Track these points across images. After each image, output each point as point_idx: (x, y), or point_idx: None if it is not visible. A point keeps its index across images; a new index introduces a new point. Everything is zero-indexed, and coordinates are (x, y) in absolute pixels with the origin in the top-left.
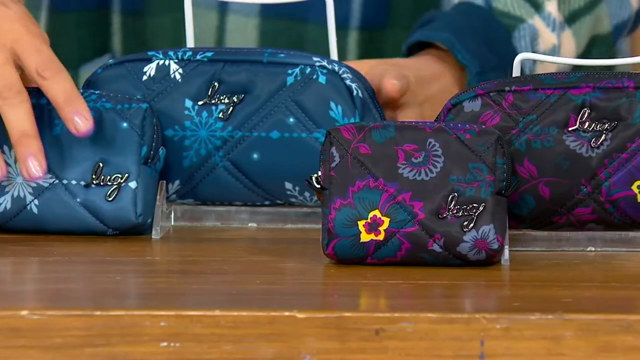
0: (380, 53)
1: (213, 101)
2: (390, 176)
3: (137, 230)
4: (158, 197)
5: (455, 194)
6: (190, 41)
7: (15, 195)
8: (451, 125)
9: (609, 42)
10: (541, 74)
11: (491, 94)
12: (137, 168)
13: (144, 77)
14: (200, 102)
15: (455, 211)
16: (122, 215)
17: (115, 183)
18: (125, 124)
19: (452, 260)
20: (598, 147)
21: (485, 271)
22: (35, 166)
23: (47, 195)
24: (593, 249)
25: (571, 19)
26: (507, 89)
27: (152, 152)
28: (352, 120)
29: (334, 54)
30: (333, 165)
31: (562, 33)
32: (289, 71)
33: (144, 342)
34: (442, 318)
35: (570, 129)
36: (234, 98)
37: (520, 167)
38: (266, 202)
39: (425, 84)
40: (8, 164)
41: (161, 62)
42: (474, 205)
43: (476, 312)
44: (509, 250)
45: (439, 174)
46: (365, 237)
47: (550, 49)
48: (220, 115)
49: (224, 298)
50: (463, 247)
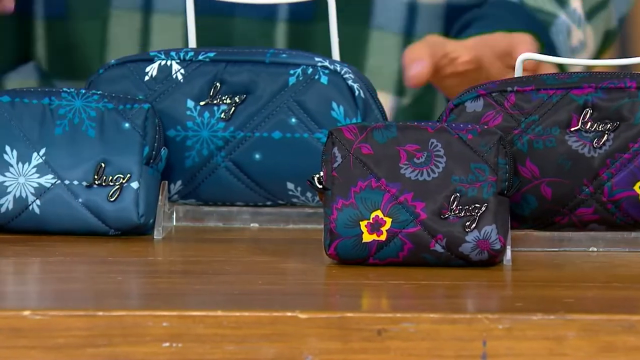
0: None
1: (215, 101)
2: (393, 176)
3: (139, 231)
4: (160, 197)
5: (458, 194)
6: (192, 42)
7: (17, 195)
8: (453, 125)
9: (616, 37)
10: (543, 74)
11: (493, 94)
12: (139, 168)
13: (146, 78)
14: (202, 103)
15: (457, 211)
16: (124, 215)
17: (117, 183)
18: (127, 125)
19: (455, 261)
20: (600, 148)
21: (488, 271)
22: None
23: (49, 195)
24: (595, 249)
25: (590, 15)
26: (509, 89)
27: (154, 153)
28: (354, 121)
29: (336, 53)
30: (335, 165)
31: (585, 29)
32: (291, 71)
33: (146, 342)
34: (445, 318)
35: (572, 129)
36: (236, 98)
37: (523, 168)
38: (268, 203)
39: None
40: (9, 164)
41: (163, 62)
42: (476, 205)
43: (478, 313)
44: (511, 251)
45: (441, 174)
46: (367, 237)
47: (579, 45)
48: (222, 115)
49: (226, 298)
50: (465, 248)
